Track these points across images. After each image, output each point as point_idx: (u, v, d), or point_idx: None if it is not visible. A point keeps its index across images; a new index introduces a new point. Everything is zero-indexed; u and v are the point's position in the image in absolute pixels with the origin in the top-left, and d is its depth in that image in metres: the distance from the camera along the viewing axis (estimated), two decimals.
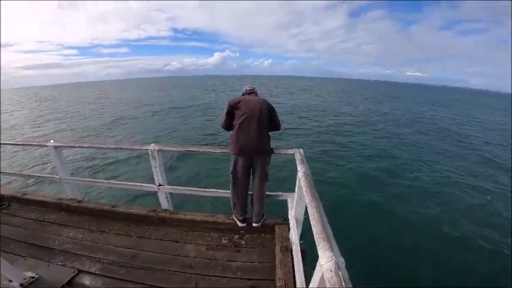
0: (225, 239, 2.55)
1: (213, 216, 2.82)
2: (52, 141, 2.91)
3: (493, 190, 7.68)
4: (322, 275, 0.85)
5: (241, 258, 2.28)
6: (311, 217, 1.18)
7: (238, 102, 2.45)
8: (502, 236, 5.37)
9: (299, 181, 1.87)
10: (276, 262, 2.11)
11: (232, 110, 2.47)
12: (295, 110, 23.08)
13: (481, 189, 7.73)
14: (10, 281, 1.83)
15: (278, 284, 1.83)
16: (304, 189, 1.53)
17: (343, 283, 0.77)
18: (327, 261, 0.86)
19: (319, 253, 0.92)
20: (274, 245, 2.37)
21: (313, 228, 1.08)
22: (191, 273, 2.10)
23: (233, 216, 2.72)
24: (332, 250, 0.90)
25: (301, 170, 1.88)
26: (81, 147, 2.97)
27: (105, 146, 2.95)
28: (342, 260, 0.88)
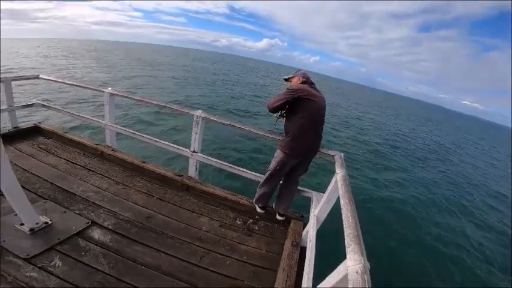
0: (240, 221, 2.36)
1: (234, 195, 2.63)
2: (110, 88, 2.98)
3: None
4: (346, 275, 0.84)
5: (251, 243, 2.13)
6: (345, 220, 1.12)
7: (307, 95, 1.92)
8: None
9: (335, 183, 1.65)
10: (284, 254, 1.94)
11: (294, 101, 1.95)
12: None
13: None
14: (22, 224, 1.68)
15: (280, 275, 1.71)
16: (340, 193, 1.40)
17: (367, 285, 0.77)
18: (355, 263, 0.85)
19: (348, 255, 0.90)
20: (286, 238, 2.18)
21: (345, 231, 1.04)
22: (199, 246, 1.97)
23: (253, 201, 2.48)
24: (362, 254, 0.89)
25: (340, 173, 1.65)
26: (133, 98, 2.99)
27: (154, 102, 2.85)
28: (368, 265, 0.86)
